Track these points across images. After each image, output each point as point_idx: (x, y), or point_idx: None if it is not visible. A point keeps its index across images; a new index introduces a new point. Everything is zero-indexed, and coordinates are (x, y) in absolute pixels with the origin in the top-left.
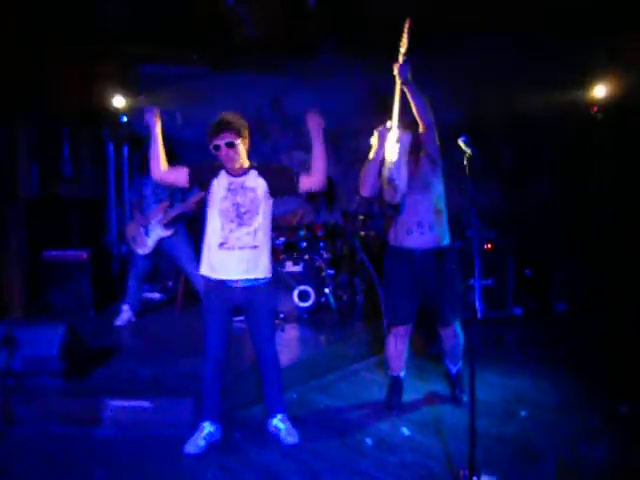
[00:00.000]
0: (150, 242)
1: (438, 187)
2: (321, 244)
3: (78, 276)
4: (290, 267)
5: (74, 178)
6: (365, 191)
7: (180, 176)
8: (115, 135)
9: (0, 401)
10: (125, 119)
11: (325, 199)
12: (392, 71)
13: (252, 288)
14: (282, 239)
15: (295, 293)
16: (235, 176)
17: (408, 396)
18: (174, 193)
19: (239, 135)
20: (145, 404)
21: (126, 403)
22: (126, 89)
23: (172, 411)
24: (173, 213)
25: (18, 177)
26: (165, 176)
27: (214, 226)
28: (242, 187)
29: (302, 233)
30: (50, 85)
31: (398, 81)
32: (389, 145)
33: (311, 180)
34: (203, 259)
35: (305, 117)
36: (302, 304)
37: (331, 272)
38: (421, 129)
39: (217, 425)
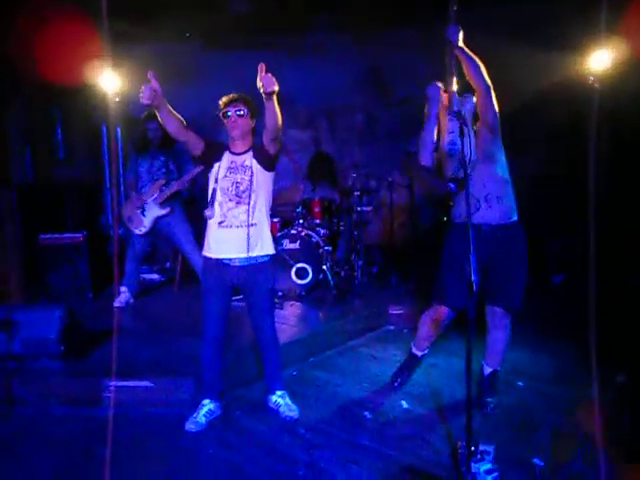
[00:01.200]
0: (147, 222)
1: (501, 156)
2: (317, 221)
3: (75, 259)
4: (287, 244)
5: (68, 161)
6: (425, 159)
7: (197, 143)
8: (108, 116)
9: (1, 383)
10: (117, 99)
11: (321, 176)
12: (388, 45)
13: (250, 267)
14: (278, 217)
15: (293, 271)
16: (236, 154)
17: None
18: (169, 172)
19: (250, 111)
20: (145, 383)
21: (126, 383)
22: (119, 68)
23: (172, 390)
24: (168, 191)
25: (11, 162)
26: (185, 134)
27: (215, 205)
28: (242, 166)
29: (298, 210)
30: (40, 67)
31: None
32: (446, 112)
33: (265, 132)
34: (205, 239)
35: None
36: (300, 281)
37: (328, 249)
38: (477, 95)
39: (217, 403)
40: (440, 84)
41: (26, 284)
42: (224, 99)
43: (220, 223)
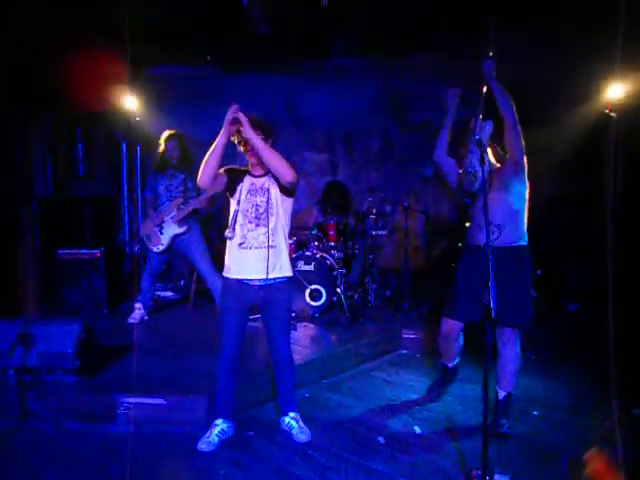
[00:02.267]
0: (164, 240)
1: (519, 189)
2: (332, 243)
3: (91, 274)
4: (302, 266)
5: (88, 177)
6: (436, 156)
7: (219, 183)
8: (128, 134)
9: (16, 396)
10: (138, 119)
11: (337, 199)
12: (405, 70)
13: (269, 286)
14: (294, 238)
15: (307, 292)
16: (256, 177)
17: (420, 395)
18: (187, 190)
19: (263, 133)
20: (159, 401)
21: (140, 400)
22: (140, 89)
23: (186, 408)
24: (186, 210)
25: (33, 177)
26: (211, 185)
27: (236, 227)
28: (261, 188)
29: (314, 232)
30: (64, 86)
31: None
32: (473, 132)
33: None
34: (226, 260)
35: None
36: (314, 303)
37: (342, 271)
38: (504, 127)
39: (230, 423)
40: (457, 91)
41: (42, 297)
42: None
43: (240, 244)
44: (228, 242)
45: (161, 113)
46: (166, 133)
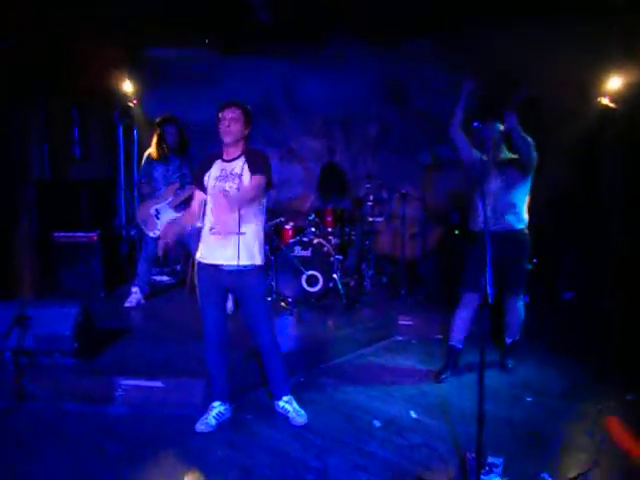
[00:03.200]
0: (161, 225)
1: (522, 189)
2: (329, 229)
3: (88, 257)
4: (299, 252)
5: (84, 160)
6: (450, 131)
7: (201, 198)
8: (125, 118)
9: (12, 378)
10: (135, 101)
11: (334, 185)
12: (404, 58)
13: (240, 272)
14: (291, 223)
15: (304, 278)
16: (227, 161)
17: (416, 381)
18: (183, 175)
19: (244, 116)
20: (157, 384)
21: (138, 382)
22: (136, 71)
23: (183, 391)
24: (183, 195)
25: (30, 159)
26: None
27: (207, 212)
28: (231, 173)
29: (311, 218)
30: (60, 68)
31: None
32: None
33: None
34: (199, 245)
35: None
36: (310, 289)
37: (339, 257)
38: (520, 158)
39: (227, 405)
40: (472, 80)
41: (39, 280)
42: (221, 104)
43: (211, 229)
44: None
45: (158, 96)
46: (163, 117)
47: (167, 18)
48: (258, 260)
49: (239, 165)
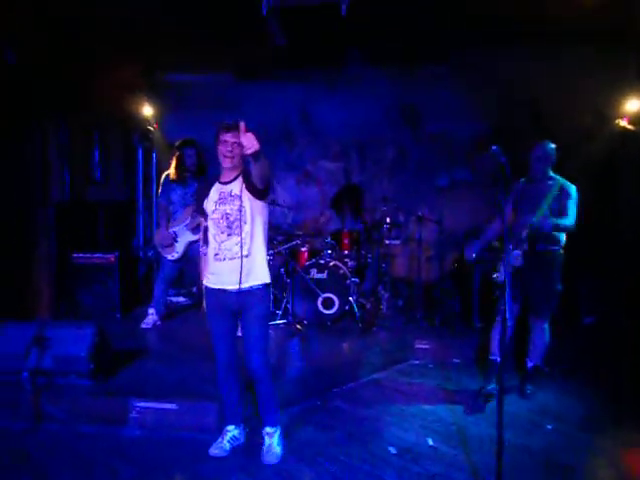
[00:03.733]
0: (179, 247)
1: None
2: (346, 252)
3: (105, 279)
4: (315, 274)
5: (103, 182)
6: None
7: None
8: (144, 140)
9: (30, 398)
10: (155, 125)
11: (350, 208)
12: (419, 81)
13: (245, 292)
14: (307, 246)
15: (320, 300)
16: (224, 184)
17: (432, 406)
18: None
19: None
20: (171, 406)
21: (152, 404)
22: (156, 95)
23: (197, 414)
24: (200, 217)
25: (50, 181)
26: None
27: (210, 238)
28: (230, 195)
29: (327, 240)
30: (80, 91)
31: None
32: None
33: (253, 178)
34: (204, 269)
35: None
36: (326, 311)
37: (355, 280)
38: None
39: (241, 428)
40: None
41: (56, 301)
42: (222, 124)
43: (215, 256)
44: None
45: (177, 120)
46: (183, 140)
47: (184, 43)
48: (264, 278)
49: (237, 186)
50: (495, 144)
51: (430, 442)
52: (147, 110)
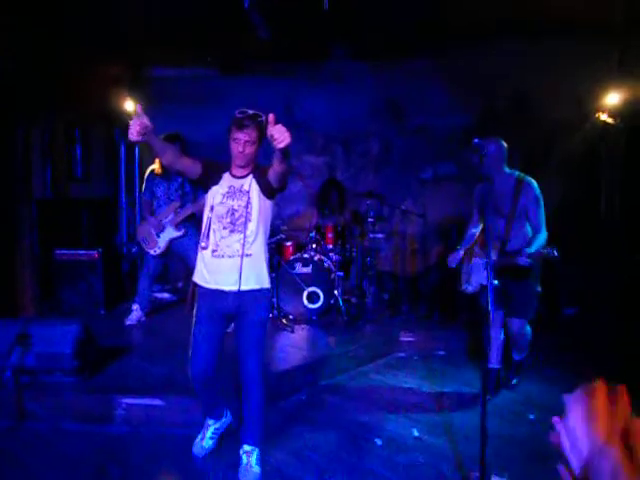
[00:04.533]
0: (161, 243)
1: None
2: (330, 246)
3: (89, 275)
4: (300, 269)
5: (85, 179)
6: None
7: (193, 168)
8: (126, 136)
9: (13, 397)
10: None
11: (335, 202)
12: (403, 75)
13: (244, 294)
14: (292, 241)
15: (304, 294)
16: (237, 178)
17: (417, 398)
18: (185, 194)
19: (259, 137)
20: (157, 402)
21: (138, 401)
22: (138, 90)
23: (184, 409)
24: (184, 214)
25: (31, 178)
26: (180, 162)
27: (210, 233)
28: (240, 191)
29: (312, 235)
30: (62, 87)
31: None
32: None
33: (272, 173)
34: (197, 266)
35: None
36: (311, 305)
37: (340, 274)
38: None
39: (224, 419)
40: None
41: (40, 298)
42: (236, 119)
43: (213, 252)
44: (200, 248)
45: (160, 114)
46: (167, 134)
47: (167, 37)
48: (265, 283)
49: (247, 182)
50: (477, 137)
51: (415, 433)
52: (129, 105)
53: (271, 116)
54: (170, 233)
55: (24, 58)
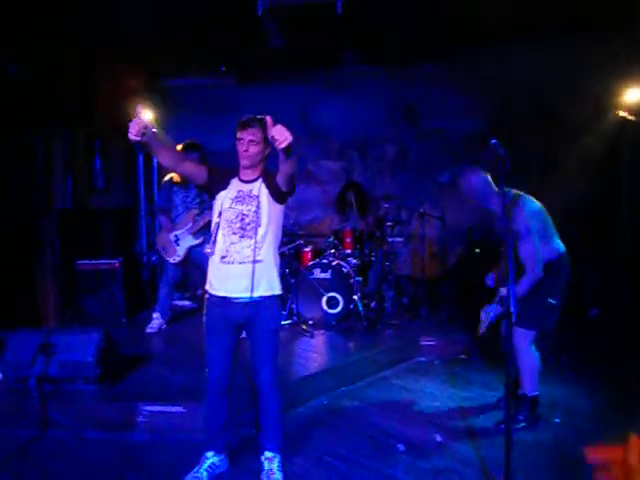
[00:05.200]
0: (180, 251)
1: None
2: (348, 251)
3: (110, 284)
4: (318, 274)
5: (105, 189)
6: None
7: (197, 173)
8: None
9: (37, 405)
10: (154, 130)
11: (355, 206)
12: (418, 79)
13: (255, 303)
14: (310, 246)
15: (324, 300)
16: (245, 182)
17: (439, 403)
18: (203, 202)
19: (265, 136)
20: (178, 409)
21: (159, 408)
22: (156, 100)
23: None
24: (202, 221)
25: (52, 189)
26: (181, 166)
27: (217, 238)
28: (249, 195)
29: (330, 240)
30: (82, 98)
31: None
32: None
33: (280, 175)
34: (208, 273)
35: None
36: (331, 311)
37: (359, 279)
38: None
39: (222, 457)
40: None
41: (62, 307)
42: (239, 122)
43: (222, 258)
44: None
45: (178, 124)
46: (186, 143)
47: (183, 48)
48: (277, 289)
49: (257, 187)
50: (495, 139)
51: (438, 438)
52: (148, 115)
53: (268, 118)
54: (189, 241)
55: (45, 69)
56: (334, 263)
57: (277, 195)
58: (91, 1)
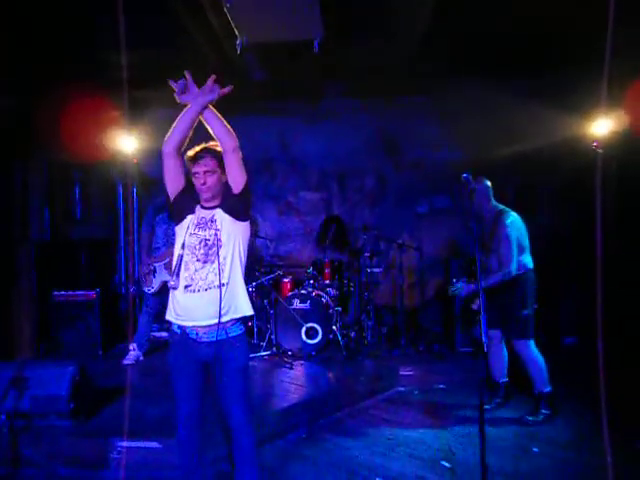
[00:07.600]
0: (155, 283)
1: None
2: (327, 281)
3: (87, 316)
4: (297, 304)
5: (84, 220)
6: None
7: (180, 180)
8: (124, 176)
9: (8, 443)
10: (135, 160)
11: (331, 237)
12: (397, 111)
13: (220, 342)
14: (289, 277)
15: (303, 330)
16: (206, 209)
17: (419, 434)
18: None
19: (220, 165)
20: (153, 444)
21: (134, 444)
22: (135, 131)
23: None
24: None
25: (29, 220)
26: (174, 161)
27: (180, 268)
28: (211, 220)
29: (309, 271)
30: (60, 128)
31: None
32: None
33: (229, 175)
34: (169, 304)
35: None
36: (310, 341)
37: (338, 309)
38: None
39: None
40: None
41: (38, 339)
42: (189, 154)
43: (186, 287)
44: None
45: (157, 155)
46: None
47: (163, 80)
48: (247, 310)
49: (218, 213)
50: (467, 172)
51: (417, 471)
52: (128, 146)
53: (187, 75)
54: (164, 276)
55: (22, 98)
56: (313, 294)
57: (235, 210)
58: (70, 32)
